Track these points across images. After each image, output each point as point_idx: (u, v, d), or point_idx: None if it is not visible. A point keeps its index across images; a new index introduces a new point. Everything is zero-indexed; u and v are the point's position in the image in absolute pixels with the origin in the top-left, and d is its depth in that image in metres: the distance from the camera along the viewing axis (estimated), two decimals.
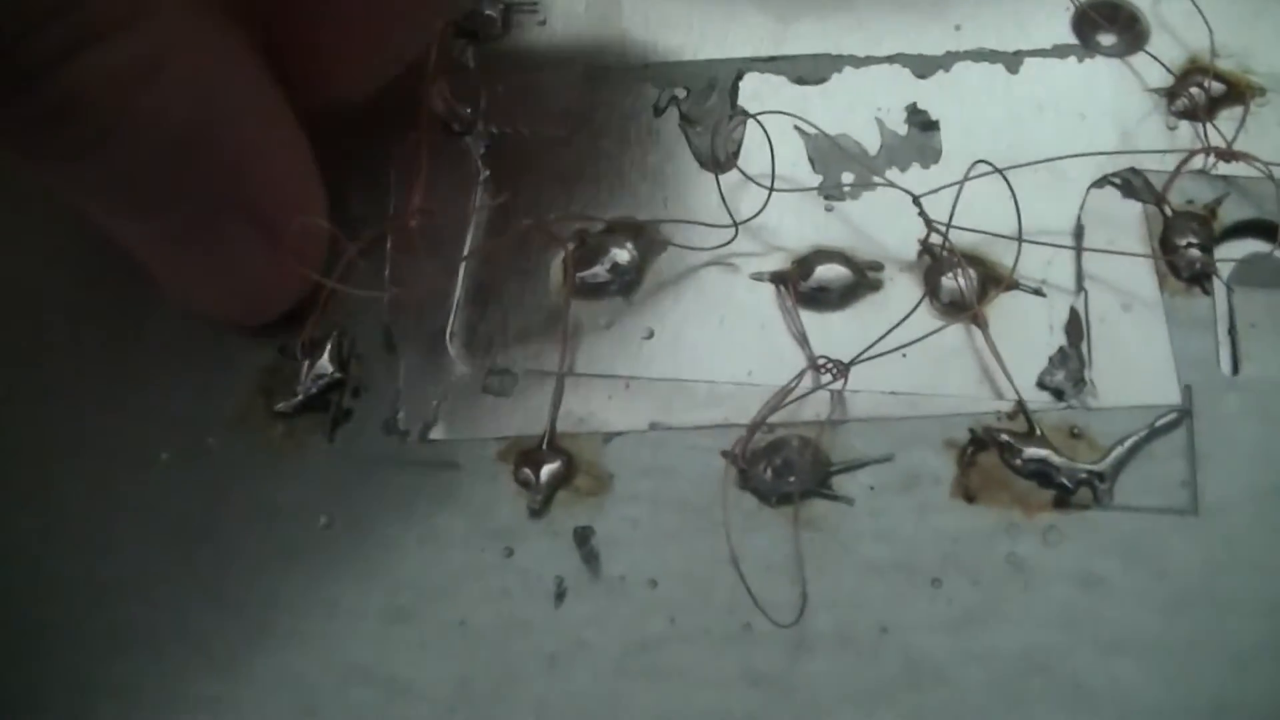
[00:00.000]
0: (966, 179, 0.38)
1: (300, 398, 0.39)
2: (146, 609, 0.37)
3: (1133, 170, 0.41)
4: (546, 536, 0.37)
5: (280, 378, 0.39)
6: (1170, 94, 0.43)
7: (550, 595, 0.36)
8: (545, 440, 0.38)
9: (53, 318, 0.41)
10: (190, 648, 0.36)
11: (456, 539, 0.37)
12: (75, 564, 0.37)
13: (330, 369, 0.39)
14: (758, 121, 0.39)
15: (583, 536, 0.37)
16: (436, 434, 0.38)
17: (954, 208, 0.38)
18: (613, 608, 0.36)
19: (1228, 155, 0.41)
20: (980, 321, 0.39)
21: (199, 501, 0.38)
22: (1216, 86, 0.42)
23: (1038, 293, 0.40)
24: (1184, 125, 0.42)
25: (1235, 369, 0.39)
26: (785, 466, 0.37)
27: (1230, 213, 0.41)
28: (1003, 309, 0.39)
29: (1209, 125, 0.42)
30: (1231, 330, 0.39)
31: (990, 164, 0.38)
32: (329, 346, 0.39)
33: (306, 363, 0.39)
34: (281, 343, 0.40)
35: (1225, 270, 0.40)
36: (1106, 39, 0.44)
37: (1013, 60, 0.43)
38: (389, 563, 0.37)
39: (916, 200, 0.39)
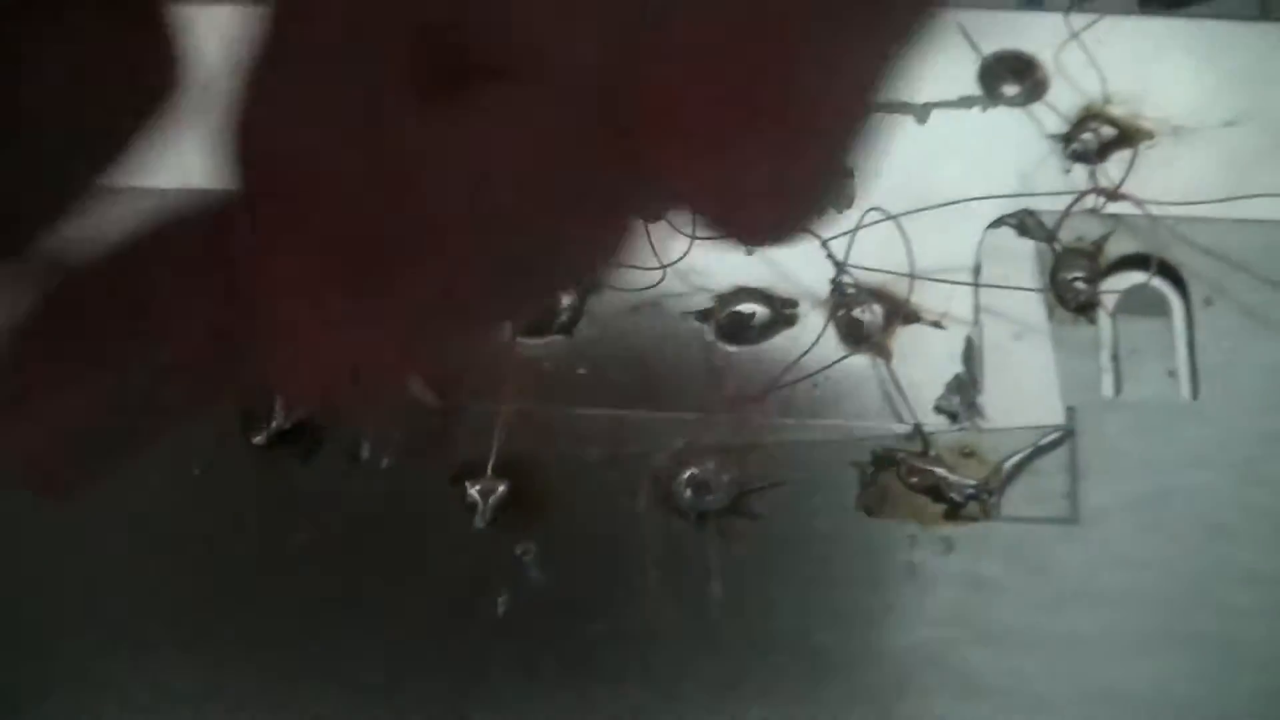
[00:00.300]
0: (859, 226, 0.42)
1: (274, 430, 0.43)
2: (139, 612, 0.41)
3: (1027, 211, 0.45)
4: (491, 550, 0.42)
5: (256, 408, 0.44)
6: (1066, 139, 0.47)
7: (494, 602, 0.41)
8: (491, 466, 0.43)
9: None
10: (179, 648, 0.41)
11: (407, 552, 0.42)
12: (74, 571, 0.42)
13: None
14: None
15: (522, 558, 0.41)
16: (395, 461, 0.43)
17: (848, 250, 0.43)
18: (552, 616, 0.41)
19: (1113, 196, 0.45)
20: (884, 352, 0.43)
21: (185, 521, 0.42)
22: (1108, 131, 0.46)
23: (936, 325, 0.44)
24: (1079, 168, 0.46)
25: (1117, 391, 0.43)
26: (705, 487, 0.41)
27: (1116, 248, 0.45)
28: (907, 340, 0.44)
29: (1099, 168, 0.46)
30: (1114, 356, 0.43)
31: (882, 210, 0.42)
32: None
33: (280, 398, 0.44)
34: None
35: (1111, 301, 0.44)
36: (1009, 89, 0.48)
37: (922, 111, 0.47)
38: (361, 573, 0.41)
39: (824, 244, 0.43)
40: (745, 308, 0.44)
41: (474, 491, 0.42)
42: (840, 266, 0.43)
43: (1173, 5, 0.53)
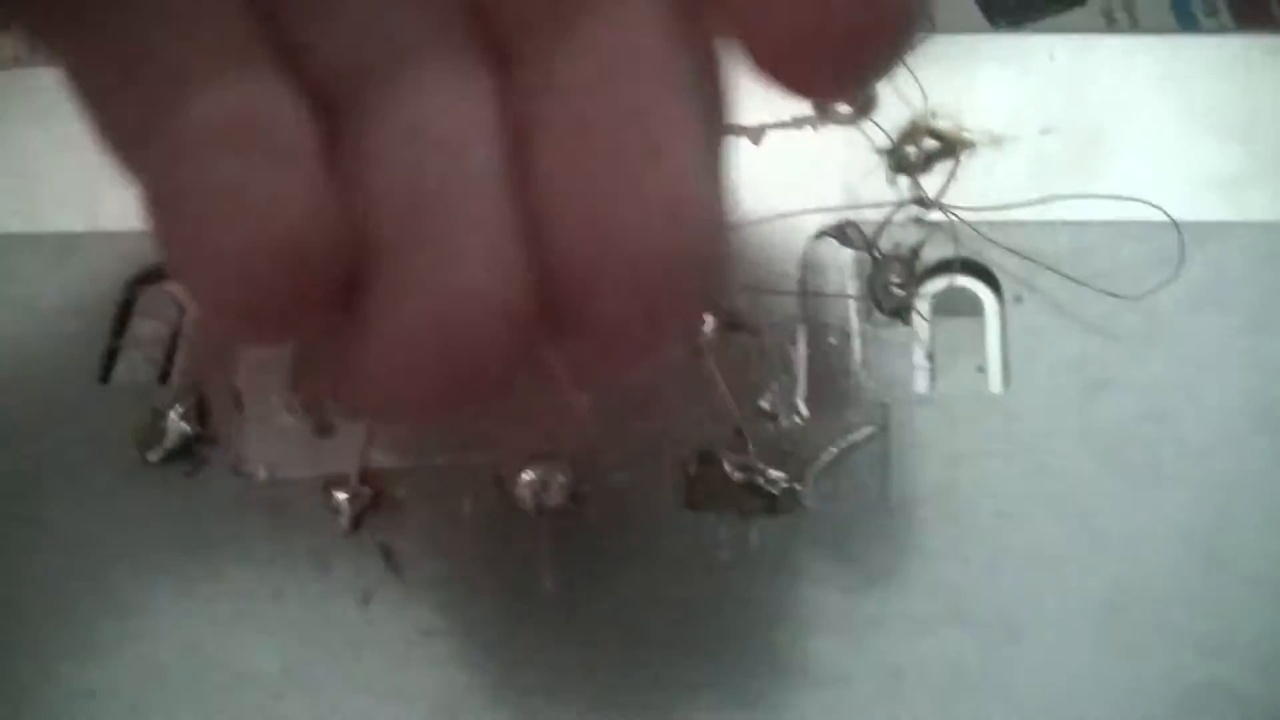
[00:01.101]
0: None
1: (167, 449, 0.48)
2: (42, 617, 0.46)
3: (849, 222, 0.49)
4: (355, 552, 0.46)
5: (154, 432, 0.49)
6: (892, 153, 0.50)
7: (357, 598, 0.45)
8: (358, 474, 0.47)
9: None
10: (73, 639, 0.46)
11: (285, 552, 0.46)
12: None
13: (187, 428, 0.48)
14: None
15: (387, 549, 0.46)
16: (274, 474, 0.48)
17: None
18: (404, 607, 0.45)
19: (927, 204, 0.48)
20: (713, 359, 0.47)
21: (91, 530, 0.47)
22: (931, 143, 0.50)
23: (761, 333, 0.47)
24: (904, 179, 0.50)
25: (931, 387, 0.46)
26: (542, 487, 0.46)
27: (932, 254, 0.48)
28: (733, 344, 0.48)
29: (921, 177, 0.49)
30: (929, 354, 0.47)
31: None
32: (190, 406, 0.49)
33: (172, 418, 0.48)
34: (155, 403, 0.49)
35: (927, 303, 0.48)
36: (842, 108, 0.51)
37: (756, 132, 0.51)
38: (234, 571, 0.46)
39: None
40: None
41: (340, 498, 0.47)
42: None
43: (1020, 21, 0.57)
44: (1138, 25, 0.57)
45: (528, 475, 0.46)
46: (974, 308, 0.48)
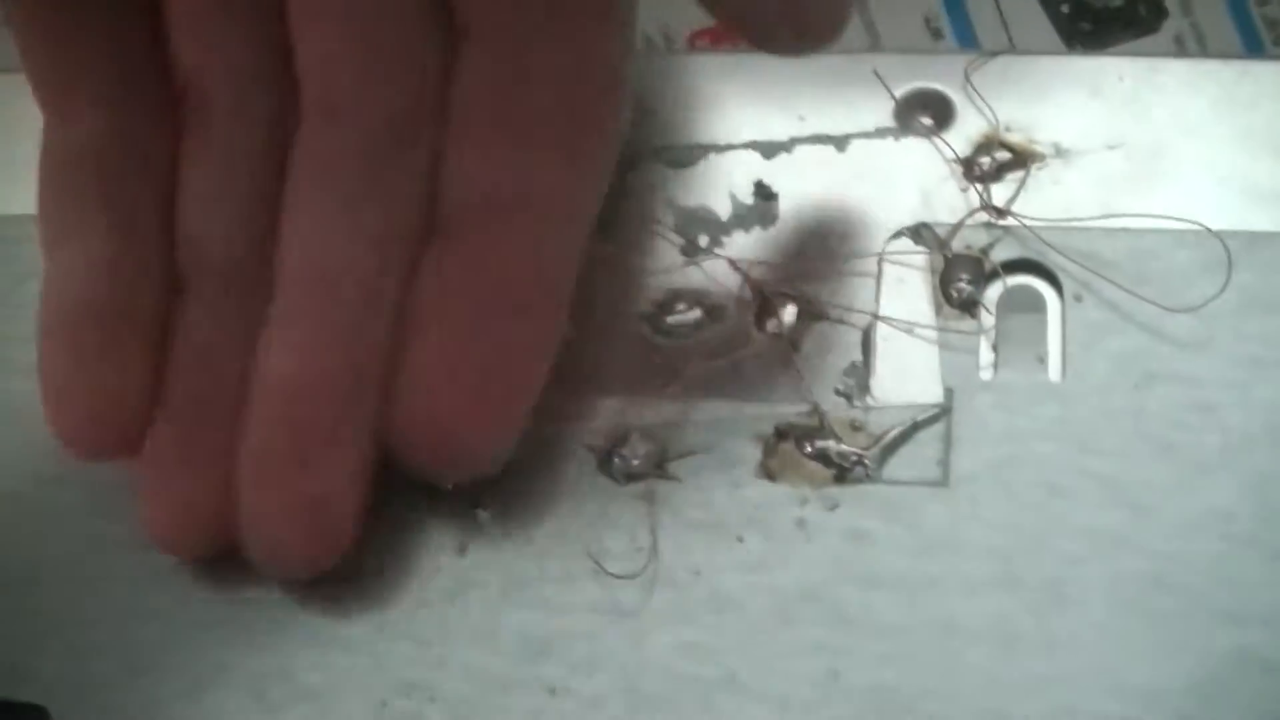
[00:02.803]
0: (757, 259, 0.51)
1: None
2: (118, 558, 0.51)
3: (922, 224, 0.53)
4: (456, 505, 0.51)
5: None
6: (966, 163, 0.54)
7: (455, 548, 0.50)
8: None
9: None
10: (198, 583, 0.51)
11: (389, 507, 0.51)
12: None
13: None
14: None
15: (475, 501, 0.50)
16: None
17: (760, 271, 0.51)
18: (500, 557, 0.50)
19: (998, 213, 0.52)
20: (795, 344, 0.51)
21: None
22: (1003, 155, 0.54)
23: (841, 322, 0.52)
24: (976, 188, 0.54)
25: (993, 374, 0.50)
26: (632, 454, 0.50)
27: (1003, 255, 0.52)
28: (816, 334, 0.52)
29: (991, 187, 0.53)
30: (994, 345, 0.51)
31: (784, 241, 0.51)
32: None
33: None
34: None
35: (994, 300, 0.52)
36: (922, 121, 0.55)
37: (841, 141, 0.56)
38: None
39: (732, 263, 0.52)
40: (681, 308, 0.53)
41: None
42: (751, 283, 0.52)
43: (1096, 46, 0.61)
44: (1206, 50, 0.60)
45: (616, 443, 0.50)
46: (1037, 305, 0.51)
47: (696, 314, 0.53)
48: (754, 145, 0.56)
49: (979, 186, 0.53)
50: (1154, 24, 0.61)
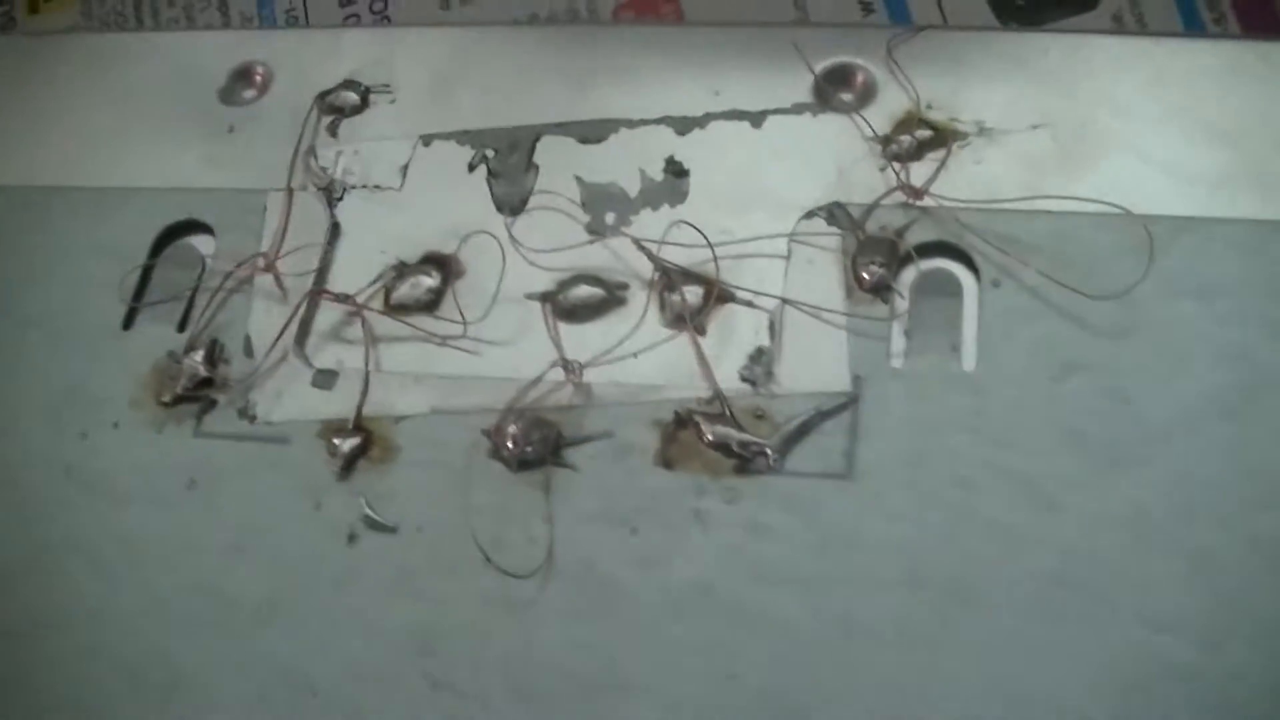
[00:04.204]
0: (664, 240, 0.49)
1: (179, 391, 0.51)
2: (58, 538, 0.49)
3: (836, 204, 0.51)
4: (346, 494, 0.49)
5: (166, 374, 0.52)
6: (885, 141, 0.52)
7: (344, 537, 0.48)
8: (352, 421, 0.50)
9: (15, 324, 0.54)
10: (86, 567, 0.49)
11: (281, 494, 0.49)
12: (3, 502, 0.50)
13: (201, 370, 0.51)
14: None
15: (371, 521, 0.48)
16: (275, 416, 0.50)
17: (659, 249, 0.49)
18: (388, 547, 0.47)
19: (915, 193, 0.50)
20: (694, 329, 0.49)
21: (105, 463, 0.51)
22: (924, 133, 0.52)
23: (749, 305, 0.49)
24: (895, 166, 0.51)
25: (905, 362, 0.48)
26: (525, 440, 0.48)
27: (920, 237, 0.50)
28: (722, 317, 0.50)
29: (910, 167, 0.51)
30: (907, 331, 0.49)
31: (689, 223, 0.49)
32: (203, 352, 0.52)
33: (186, 363, 0.51)
34: (171, 347, 0.52)
35: (908, 284, 0.49)
36: (841, 97, 0.53)
37: (758, 117, 0.53)
38: (231, 511, 0.49)
39: (636, 242, 0.50)
40: (581, 289, 0.50)
41: (337, 442, 0.49)
42: (654, 260, 0.50)
43: (1031, 23, 0.58)
44: (1146, 29, 0.58)
45: (513, 429, 0.48)
46: (953, 290, 0.49)
47: (599, 294, 0.50)
48: (668, 120, 0.54)
49: (896, 165, 0.51)
50: (1091, 1, 0.59)
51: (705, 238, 0.49)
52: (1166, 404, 0.46)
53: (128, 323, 0.54)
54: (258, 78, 0.59)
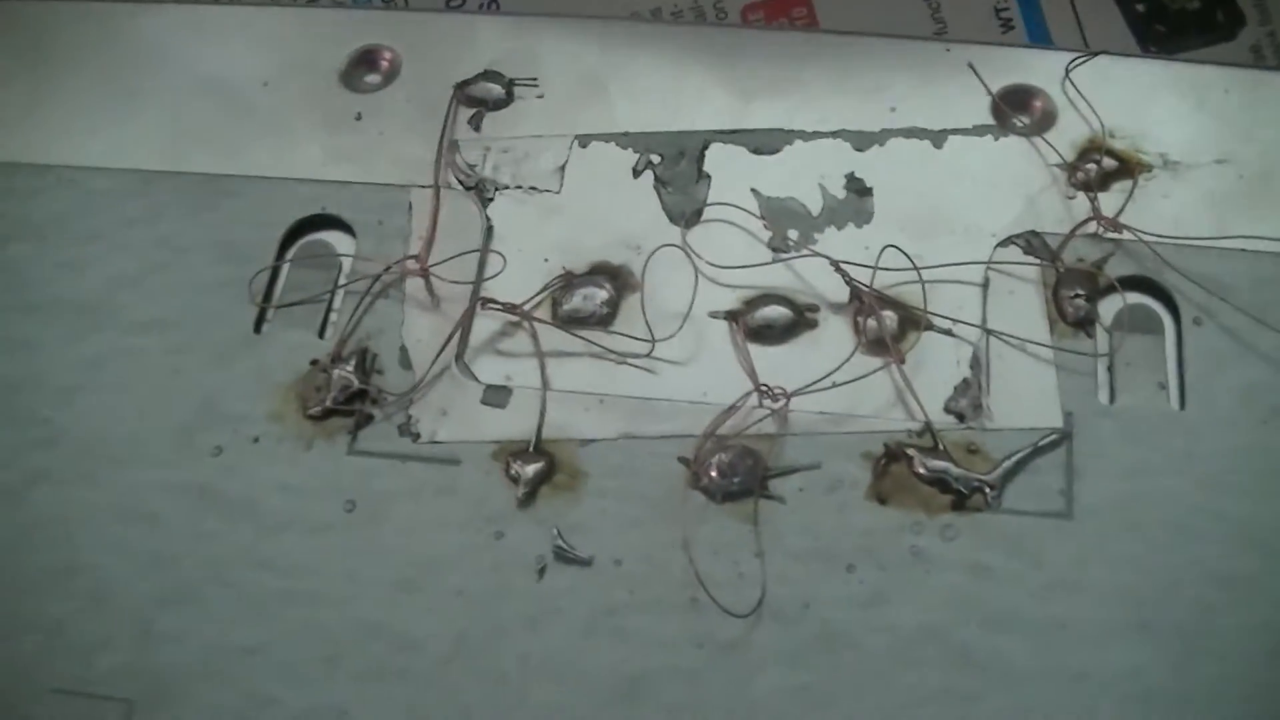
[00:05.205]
0: (877, 265, 0.47)
1: (328, 404, 0.47)
2: (196, 570, 0.45)
3: (1033, 232, 0.49)
4: (531, 523, 0.45)
5: (312, 385, 0.47)
6: (1070, 169, 0.50)
7: (532, 570, 0.44)
8: (532, 444, 0.46)
9: (123, 331, 0.49)
10: (235, 603, 0.44)
11: (456, 522, 0.45)
12: (134, 533, 0.45)
13: (354, 380, 0.47)
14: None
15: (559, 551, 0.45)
16: (442, 436, 0.46)
17: (873, 278, 0.47)
18: (583, 582, 0.44)
19: (1113, 225, 0.49)
20: (898, 356, 0.47)
21: (245, 484, 0.46)
22: (1109, 163, 0.50)
23: (948, 333, 0.47)
24: (1081, 195, 0.50)
25: (1112, 399, 0.47)
26: (730, 471, 0.45)
27: (1114, 269, 0.48)
28: (920, 345, 0.47)
29: (1099, 195, 0.49)
30: (1110, 367, 0.47)
31: (900, 249, 0.47)
32: (354, 361, 0.47)
33: (336, 374, 0.47)
34: (314, 356, 0.48)
35: (1109, 317, 0.48)
36: (1020, 120, 0.51)
37: (938, 137, 0.51)
38: (400, 540, 0.45)
39: (834, 264, 0.47)
40: (770, 310, 0.48)
41: (515, 467, 0.45)
42: (853, 286, 0.47)
43: (1172, 50, 0.58)
44: None
45: (719, 458, 0.45)
46: (1152, 326, 0.48)
47: (788, 315, 0.48)
48: (843, 134, 0.52)
49: (1089, 195, 0.49)
50: (1231, 31, 0.58)
51: (913, 263, 0.47)
52: None
53: (257, 326, 0.49)
54: (384, 62, 0.54)
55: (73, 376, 0.48)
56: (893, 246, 0.47)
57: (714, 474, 0.45)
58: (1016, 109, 0.52)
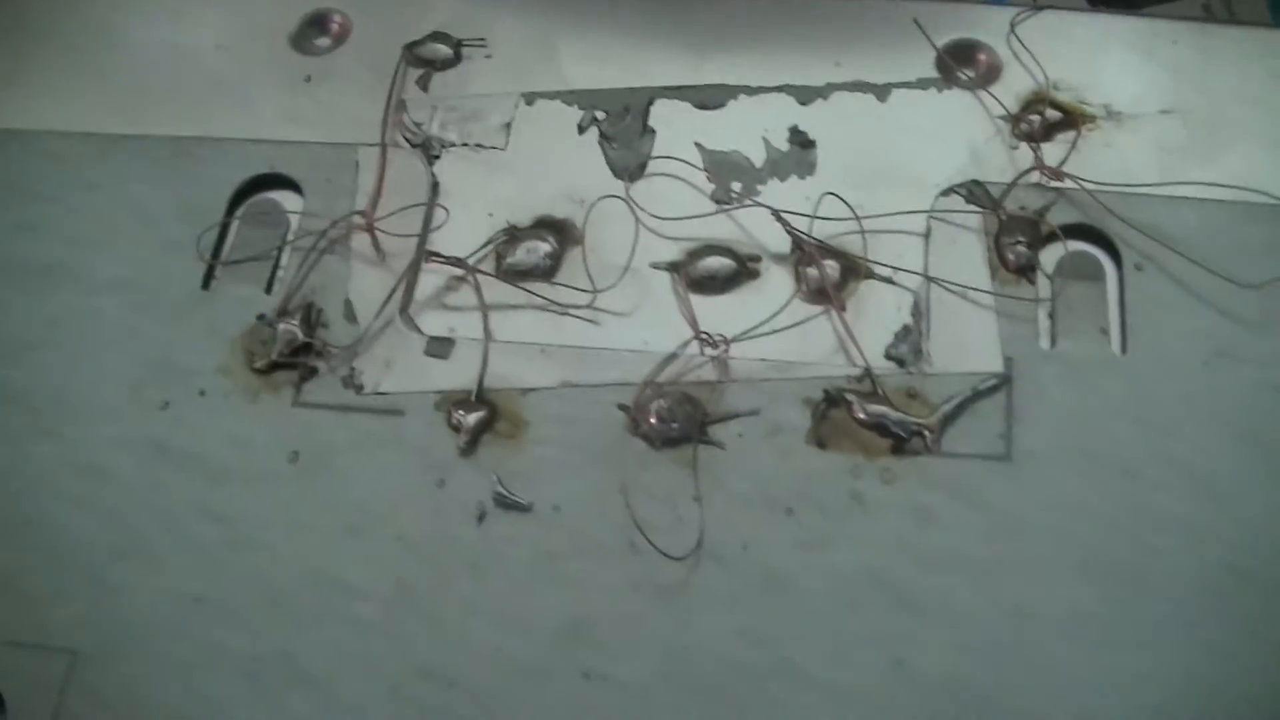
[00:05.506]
0: (816, 214, 0.47)
1: (274, 357, 0.47)
2: (146, 522, 0.45)
3: (975, 181, 0.49)
4: (472, 471, 0.45)
5: (258, 339, 0.48)
6: (1014, 120, 0.51)
7: (473, 517, 0.44)
8: (474, 393, 0.46)
9: (82, 291, 0.49)
10: (183, 553, 0.44)
11: (399, 471, 0.45)
12: (87, 487, 0.46)
13: (299, 334, 0.47)
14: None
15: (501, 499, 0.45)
16: (386, 387, 0.47)
17: (811, 226, 0.47)
18: (523, 528, 0.44)
19: (1056, 175, 0.49)
20: (839, 305, 0.47)
21: (193, 437, 0.46)
22: (1053, 114, 0.50)
23: (889, 281, 0.48)
24: (1025, 146, 0.50)
25: (1053, 344, 0.47)
26: (670, 417, 0.45)
27: (1057, 218, 0.49)
28: (861, 292, 0.48)
29: (1042, 145, 0.50)
30: (1051, 313, 0.47)
31: (837, 195, 0.47)
32: (299, 316, 0.48)
33: (281, 328, 0.47)
34: (260, 311, 0.48)
35: (1051, 264, 0.48)
36: (964, 74, 0.52)
37: (882, 91, 0.51)
38: (344, 489, 0.45)
39: (775, 213, 0.47)
40: (712, 260, 0.48)
41: (461, 415, 0.46)
42: (794, 235, 0.47)
43: (1123, 5, 0.58)
44: (1234, 17, 0.58)
45: (658, 405, 0.45)
46: (1094, 273, 0.48)
47: (730, 265, 0.48)
48: (788, 89, 0.52)
49: (1032, 145, 0.50)
50: None
51: (854, 212, 0.47)
52: None
53: (206, 282, 0.49)
54: (334, 26, 0.55)
55: (31, 335, 0.48)
56: (831, 194, 0.47)
57: (653, 420, 0.45)
58: (961, 63, 0.52)
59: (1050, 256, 0.49)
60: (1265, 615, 0.42)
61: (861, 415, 0.45)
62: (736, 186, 0.50)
